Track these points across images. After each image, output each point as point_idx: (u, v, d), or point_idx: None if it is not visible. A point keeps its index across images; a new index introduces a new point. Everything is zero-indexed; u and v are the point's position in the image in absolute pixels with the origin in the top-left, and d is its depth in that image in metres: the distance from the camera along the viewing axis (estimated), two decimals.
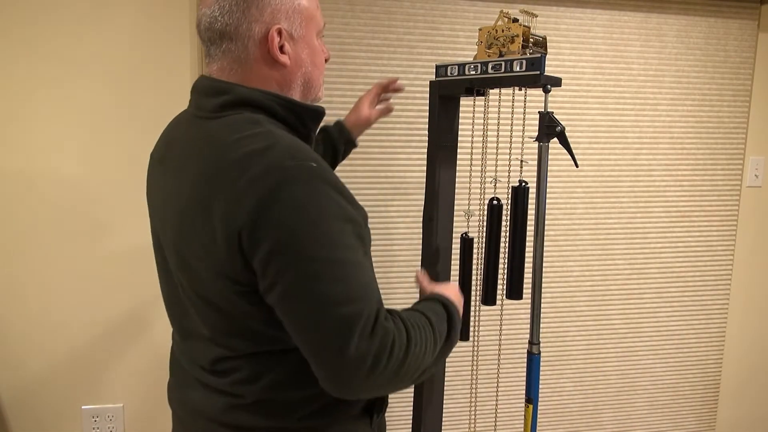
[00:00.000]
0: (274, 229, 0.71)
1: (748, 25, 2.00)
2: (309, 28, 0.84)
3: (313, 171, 0.73)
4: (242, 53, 0.81)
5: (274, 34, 0.79)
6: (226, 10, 0.78)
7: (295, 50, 0.83)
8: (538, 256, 1.17)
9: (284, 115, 0.82)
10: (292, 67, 0.83)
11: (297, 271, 0.72)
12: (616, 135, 1.97)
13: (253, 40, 0.79)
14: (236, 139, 0.76)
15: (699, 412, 2.20)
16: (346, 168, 1.80)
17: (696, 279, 2.11)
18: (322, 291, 0.72)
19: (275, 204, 0.71)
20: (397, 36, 1.78)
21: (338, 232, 0.73)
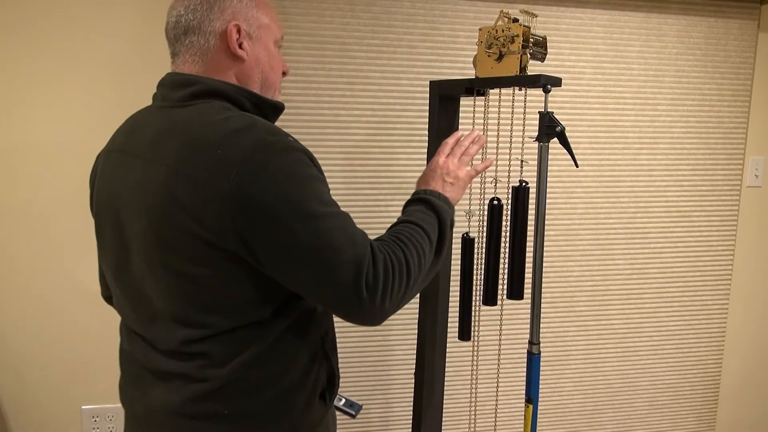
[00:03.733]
0: (271, 194, 0.76)
1: (748, 25, 2.00)
2: (266, 34, 0.93)
3: (292, 144, 0.82)
4: (204, 45, 0.88)
5: (232, 29, 0.88)
6: (191, 9, 0.88)
7: (253, 49, 0.91)
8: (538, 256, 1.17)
9: (249, 107, 0.89)
10: (250, 63, 0.91)
11: (300, 228, 0.77)
12: (616, 135, 1.97)
13: (214, 34, 0.88)
14: (215, 120, 0.81)
15: (699, 412, 2.20)
16: (346, 168, 1.80)
17: (696, 279, 2.11)
18: (328, 241, 0.78)
19: (265, 172, 0.77)
20: (397, 36, 1.78)
21: (323, 192, 0.82)
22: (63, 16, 1.60)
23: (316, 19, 1.73)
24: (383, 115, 1.80)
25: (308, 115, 1.76)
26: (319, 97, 1.76)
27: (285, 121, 1.74)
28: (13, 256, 1.66)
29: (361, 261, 0.79)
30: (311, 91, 1.75)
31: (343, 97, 1.77)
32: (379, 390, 1.93)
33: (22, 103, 1.62)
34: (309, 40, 1.73)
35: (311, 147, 1.78)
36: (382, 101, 1.80)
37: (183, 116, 0.84)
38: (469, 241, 1.33)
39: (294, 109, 1.75)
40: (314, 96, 1.76)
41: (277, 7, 1.70)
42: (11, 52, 1.60)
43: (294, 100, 1.75)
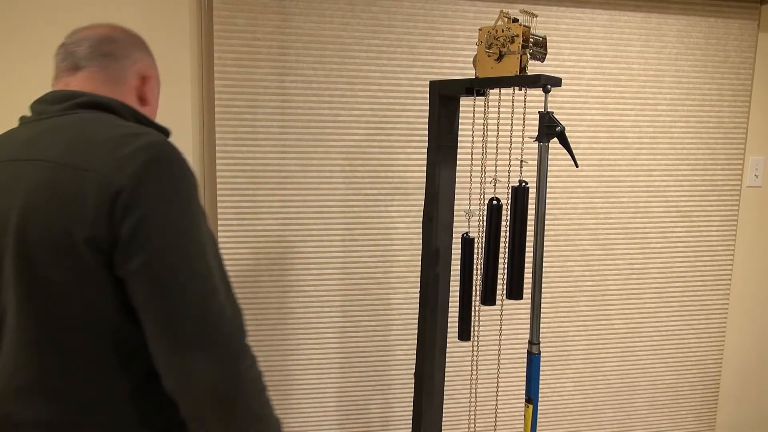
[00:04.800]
0: (153, 197, 0.75)
1: (748, 25, 2.00)
2: (156, 80, 1.00)
3: (184, 159, 0.82)
4: (121, 76, 0.91)
5: (150, 76, 0.96)
6: (121, 40, 0.92)
7: (151, 94, 0.98)
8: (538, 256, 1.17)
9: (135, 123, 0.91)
10: (152, 108, 0.98)
11: (171, 240, 0.75)
12: (616, 135, 1.97)
13: (133, 72, 0.93)
14: (106, 124, 0.80)
15: (699, 412, 2.20)
16: (345, 169, 1.80)
17: (696, 279, 2.11)
18: (194, 265, 0.76)
19: (155, 175, 0.76)
20: (397, 36, 1.78)
21: (199, 212, 0.81)
22: (64, 18, 1.60)
23: (316, 19, 1.73)
24: (383, 115, 1.80)
25: (308, 115, 1.76)
26: (319, 97, 1.76)
27: (285, 121, 1.75)
28: None
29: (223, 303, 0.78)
30: (311, 91, 1.75)
31: (343, 97, 1.77)
32: (379, 390, 1.93)
33: (23, 104, 1.62)
34: (309, 40, 1.73)
35: (311, 147, 1.78)
36: (382, 101, 1.80)
37: (67, 122, 0.81)
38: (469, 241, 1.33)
39: (294, 109, 1.75)
40: (314, 96, 1.76)
41: (277, 7, 1.70)
42: (11, 53, 1.60)
43: (294, 100, 1.75)
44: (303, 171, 1.78)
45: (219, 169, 1.73)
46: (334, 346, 1.87)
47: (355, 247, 1.84)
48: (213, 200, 1.76)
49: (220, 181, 1.73)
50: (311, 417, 1.89)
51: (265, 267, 1.79)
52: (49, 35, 1.61)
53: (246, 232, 1.77)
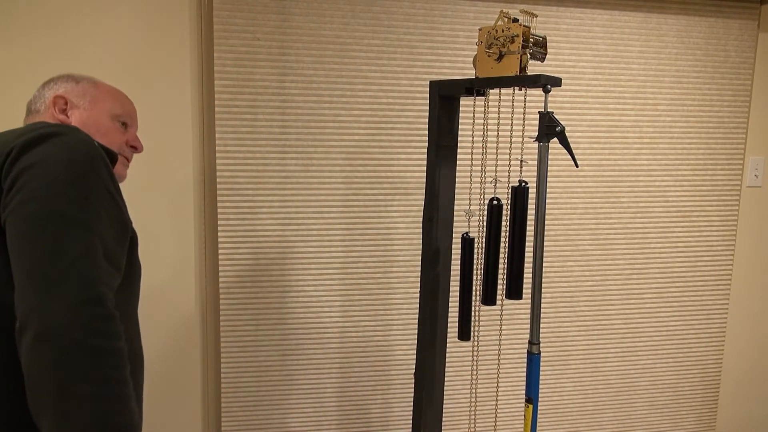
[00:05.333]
0: (36, 155, 0.79)
1: (748, 25, 2.00)
2: (97, 107, 1.06)
3: (92, 141, 0.85)
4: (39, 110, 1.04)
5: (55, 99, 1.03)
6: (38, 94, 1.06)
7: (79, 117, 1.04)
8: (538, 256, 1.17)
9: None
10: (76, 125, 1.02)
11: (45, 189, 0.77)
12: (616, 135, 1.97)
13: (43, 102, 1.04)
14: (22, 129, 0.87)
15: (699, 412, 2.20)
16: (345, 169, 1.80)
17: (696, 279, 2.11)
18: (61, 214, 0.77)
19: (46, 140, 0.81)
20: (397, 36, 1.78)
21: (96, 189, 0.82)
22: (64, 18, 1.60)
23: (316, 19, 1.73)
24: (383, 115, 1.80)
25: (308, 115, 1.76)
26: (319, 97, 1.76)
27: (285, 121, 1.75)
28: None
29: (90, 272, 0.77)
30: (311, 91, 1.75)
31: (343, 97, 1.77)
32: (379, 390, 1.93)
33: (22, 104, 1.62)
34: (309, 40, 1.73)
35: (311, 147, 1.78)
36: (382, 101, 1.80)
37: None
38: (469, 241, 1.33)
39: (294, 109, 1.75)
40: (314, 96, 1.76)
41: (277, 7, 1.70)
42: (11, 55, 1.60)
43: (294, 100, 1.75)
44: (303, 171, 1.78)
45: (219, 169, 1.73)
46: (334, 346, 1.87)
47: (355, 247, 1.84)
48: (213, 200, 1.76)
49: (220, 181, 1.73)
50: (311, 417, 1.89)
51: (265, 267, 1.79)
52: (50, 37, 1.60)
53: (246, 232, 1.77)
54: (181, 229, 1.74)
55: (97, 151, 0.85)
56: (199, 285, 1.78)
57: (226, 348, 1.80)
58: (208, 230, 1.78)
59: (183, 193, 1.73)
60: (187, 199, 1.74)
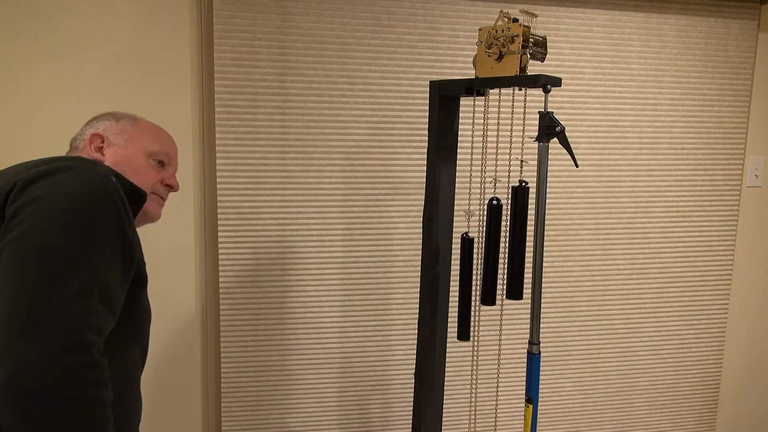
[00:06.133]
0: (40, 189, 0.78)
1: (748, 25, 2.00)
2: (133, 145, 1.05)
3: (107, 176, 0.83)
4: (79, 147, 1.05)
5: (92, 137, 1.04)
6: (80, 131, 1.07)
7: (114, 155, 1.04)
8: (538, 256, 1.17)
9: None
10: (109, 163, 1.02)
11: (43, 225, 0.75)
12: (616, 135, 1.97)
13: (83, 140, 1.05)
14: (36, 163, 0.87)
15: (699, 412, 2.20)
16: (345, 169, 1.80)
17: (696, 279, 2.11)
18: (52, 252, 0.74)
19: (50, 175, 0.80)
20: (397, 36, 1.78)
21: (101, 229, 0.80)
22: (64, 15, 1.60)
23: (316, 19, 1.73)
24: (383, 115, 1.80)
25: (308, 115, 1.76)
26: (319, 97, 1.76)
27: (285, 121, 1.75)
28: None
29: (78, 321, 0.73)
30: (311, 91, 1.75)
31: (343, 97, 1.77)
32: (379, 390, 1.93)
33: (22, 101, 1.62)
34: (309, 40, 1.73)
35: (311, 147, 1.78)
36: (382, 101, 1.80)
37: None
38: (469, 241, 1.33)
39: (294, 109, 1.75)
40: (314, 96, 1.76)
41: (277, 7, 1.70)
42: (11, 56, 1.60)
43: (294, 100, 1.75)
44: (303, 171, 1.78)
45: (219, 169, 1.73)
46: (334, 346, 1.87)
47: (355, 247, 1.84)
48: (213, 200, 1.76)
49: (220, 181, 1.73)
50: (311, 417, 1.89)
51: (265, 267, 1.79)
52: (49, 37, 1.60)
53: (246, 232, 1.77)
54: (181, 229, 1.74)
55: (111, 186, 0.82)
56: (199, 285, 1.78)
57: (226, 348, 1.80)
58: (208, 230, 1.78)
59: (183, 193, 1.73)
60: (187, 199, 1.74)
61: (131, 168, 1.03)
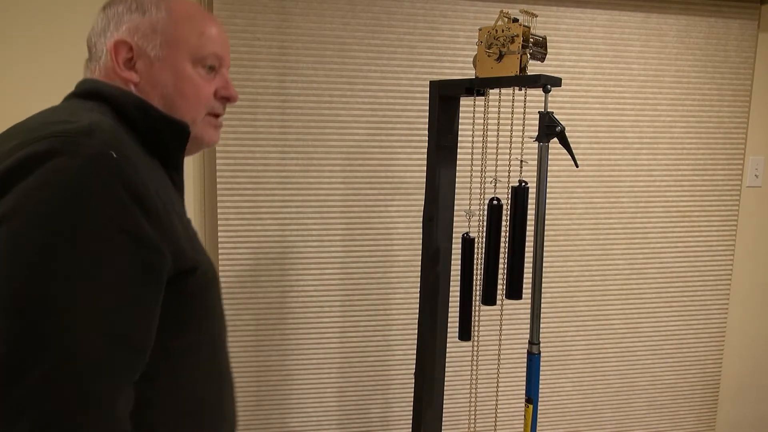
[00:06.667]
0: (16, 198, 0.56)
1: (748, 25, 2.00)
2: (174, 51, 0.76)
3: (103, 156, 0.59)
4: (100, 66, 0.77)
5: (119, 46, 0.74)
6: (97, 27, 0.77)
7: (151, 71, 0.75)
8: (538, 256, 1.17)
9: (136, 116, 0.72)
10: (144, 86, 0.75)
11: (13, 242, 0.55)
12: (616, 135, 1.97)
13: (106, 53, 0.75)
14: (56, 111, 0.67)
15: (699, 412, 2.20)
16: (346, 169, 1.80)
17: (696, 279, 2.11)
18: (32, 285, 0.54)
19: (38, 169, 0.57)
20: (397, 36, 1.78)
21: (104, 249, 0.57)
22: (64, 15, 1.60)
23: (316, 19, 1.73)
24: (383, 115, 1.80)
25: (308, 115, 1.76)
26: (319, 97, 1.76)
27: (285, 121, 1.75)
28: None
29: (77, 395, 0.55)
30: (311, 91, 1.75)
31: (343, 97, 1.77)
32: (379, 390, 1.93)
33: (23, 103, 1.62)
34: (309, 40, 1.73)
35: (311, 147, 1.77)
36: (382, 101, 1.80)
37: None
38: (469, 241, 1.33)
39: (294, 109, 1.75)
40: (314, 96, 1.76)
41: (277, 7, 1.70)
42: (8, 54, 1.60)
43: (294, 100, 1.75)
44: (303, 171, 1.78)
45: (219, 169, 1.73)
46: (334, 346, 1.87)
47: (355, 247, 1.84)
48: (213, 200, 1.76)
49: (220, 181, 1.73)
50: (311, 417, 1.89)
51: (265, 267, 1.79)
52: (46, 36, 1.60)
53: (246, 232, 1.77)
54: None
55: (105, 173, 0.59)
56: None
57: None
58: (208, 230, 1.78)
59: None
60: (187, 199, 1.74)
61: (175, 88, 0.76)
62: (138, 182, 0.61)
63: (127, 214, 0.60)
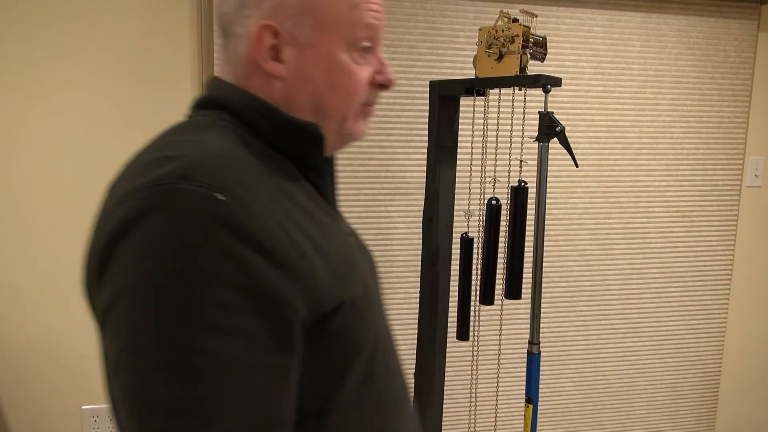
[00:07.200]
0: (116, 276, 0.50)
1: (748, 25, 2.00)
2: (327, 35, 0.61)
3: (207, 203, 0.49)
4: (235, 54, 0.63)
5: (260, 32, 0.59)
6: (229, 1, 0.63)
7: (300, 61, 0.61)
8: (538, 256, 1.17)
9: (261, 125, 0.61)
10: (292, 82, 0.62)
11: (125, 340, 0.48)
12: (616, 135, 1.97)
13: (244, 39, 0.61)
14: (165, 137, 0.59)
15: (698, 412, 2.20)
16: (346, 169, 1.80)
17: (696, 279, 2.11)
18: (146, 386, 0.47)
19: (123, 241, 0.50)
20: (397, 36, 1.78)
21: (214, 305, 0.47)
22: (63, 18, 1.60)
23: None
24: (383, 115, 1.80)
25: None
26: None
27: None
28: (13, 256, 1.66)
29: None
30: None
31: None
32: None
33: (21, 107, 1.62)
34: None
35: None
36: (382, 101, 1.80)
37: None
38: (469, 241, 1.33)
39: None
40: None
41: None
42: (10, 51, 1.60)
43: None
44: None
45: None
46: None
47: None
48: None
49: None
50: None
51: None
52: (49, 38, 1.60)
53: None
54: None
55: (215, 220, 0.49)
56: None
57: None
58: None
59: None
60: None
61: (327, 82, 0.62)
62: (253, 224, 0.50)
63: (243, 266, 0.49)
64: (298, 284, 0.52)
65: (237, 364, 0.48)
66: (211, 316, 0.47)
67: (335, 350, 0.57)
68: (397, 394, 0.66)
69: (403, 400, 0.68)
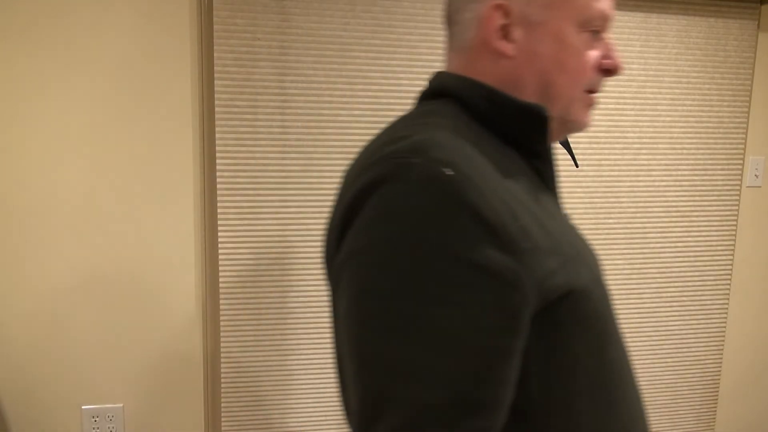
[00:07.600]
0: (354, 235, 0.55)
1: (748, 25, 2.00)
2: (558, 13, 0.61)
3: (437, 178, 0.51)
4: (461, 40, 0.65)
5: (491, 12, 0.61)
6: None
7: (529, 40, 0.61)
8: None
9: (483, 108, 0.62)
10: (520, 61, 0.62)
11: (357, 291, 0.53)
12: (616, 135, 1.97)
13: (473, 22, 0.62)
14: (398, 124, 0.62)
15: (698, 412, 2.20)
16: (346, 168, 1.80)
17: (696, 279, 2.11)
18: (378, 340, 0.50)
19: (364, 202, 0.54)
20: (397, 36, 1.78)
21: (451, 291, 0.49)
22: (64, 17, 1.60)
23: (316, 19, 1.73)
24: (383, 115, 1.80)
25: (308, 115, 1.76)
26: (319, 97, 1.76)
27: (285, 121, 1.75)
28: (15, 255, 1.66)
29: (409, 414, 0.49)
30: (311, 91, 1.75)
31: (343, 97, 1.77)
32: None
33: (22, 105, 1.61)
34: (309, 40, 1.73)
35: (311, 147, 1.77)
36: (382, 101, 1.80)
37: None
38: None
39: (294, 109, 1.75)
40: (314, 96, 1.76)
41: (277, 7, 1.70)
42: (8, 54, 1.59)
43: (294, 100, 1.75)
44: (303, 171, 1.78)
45: (219, 169, 1.73)
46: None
47: None
48: (213, 200, 1.76)
49: (220, 181, 1.73)
50: (311, 417, 1.89)
51: (265, 267, 1.79)
52: (49, 37, 1.60)
53: (246, 232, 1.77)
54: (181, 229, 1.74)
55: (444, 193, 0.50)
56: (199, 285, 1.78)
57: (226, 348, 1.80)
58: (208, 230, 1.78)
59: (183, 193, 1.73)
60: (187, 199, 1.74)
61: (555, 61, 0.62)
62: (482, 203, 0.50)
63: (473, 241, 0.49)
64: (527, 268, 0.52)
65: (454, 336, 0.49)
66: (443, 287, 0.49)
67: (563, 341, 0.55)
68: (629, 400, 0.62)
69: (636, 404, 0.63)
